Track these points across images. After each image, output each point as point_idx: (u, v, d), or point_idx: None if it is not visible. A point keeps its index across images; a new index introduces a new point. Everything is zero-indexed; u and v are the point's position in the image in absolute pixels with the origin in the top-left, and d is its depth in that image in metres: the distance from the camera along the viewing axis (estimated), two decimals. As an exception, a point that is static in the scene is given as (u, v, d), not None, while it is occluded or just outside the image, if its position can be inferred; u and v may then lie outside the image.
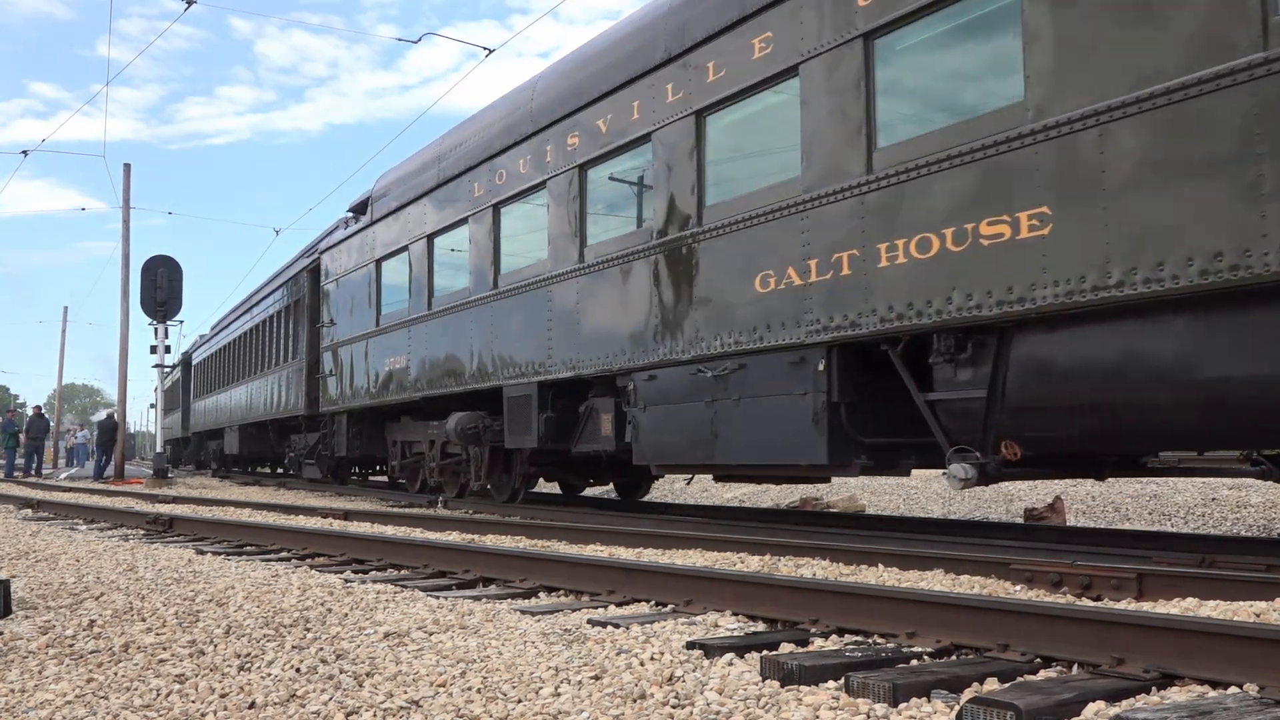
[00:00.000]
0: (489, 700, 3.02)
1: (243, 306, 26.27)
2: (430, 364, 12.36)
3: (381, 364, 13.80)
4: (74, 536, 8.73)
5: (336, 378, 15.60)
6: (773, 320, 7.29)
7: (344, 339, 15.37)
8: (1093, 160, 5.29)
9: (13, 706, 3.23)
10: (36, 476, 27.80)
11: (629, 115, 8.81)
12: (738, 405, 7.56)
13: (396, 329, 13.37)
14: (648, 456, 8.50)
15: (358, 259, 14.97)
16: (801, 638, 3.70)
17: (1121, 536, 7.68)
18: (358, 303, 14.87)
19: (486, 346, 11.03)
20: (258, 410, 22.36)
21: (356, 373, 14.81)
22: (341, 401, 15.33)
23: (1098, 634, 3.17)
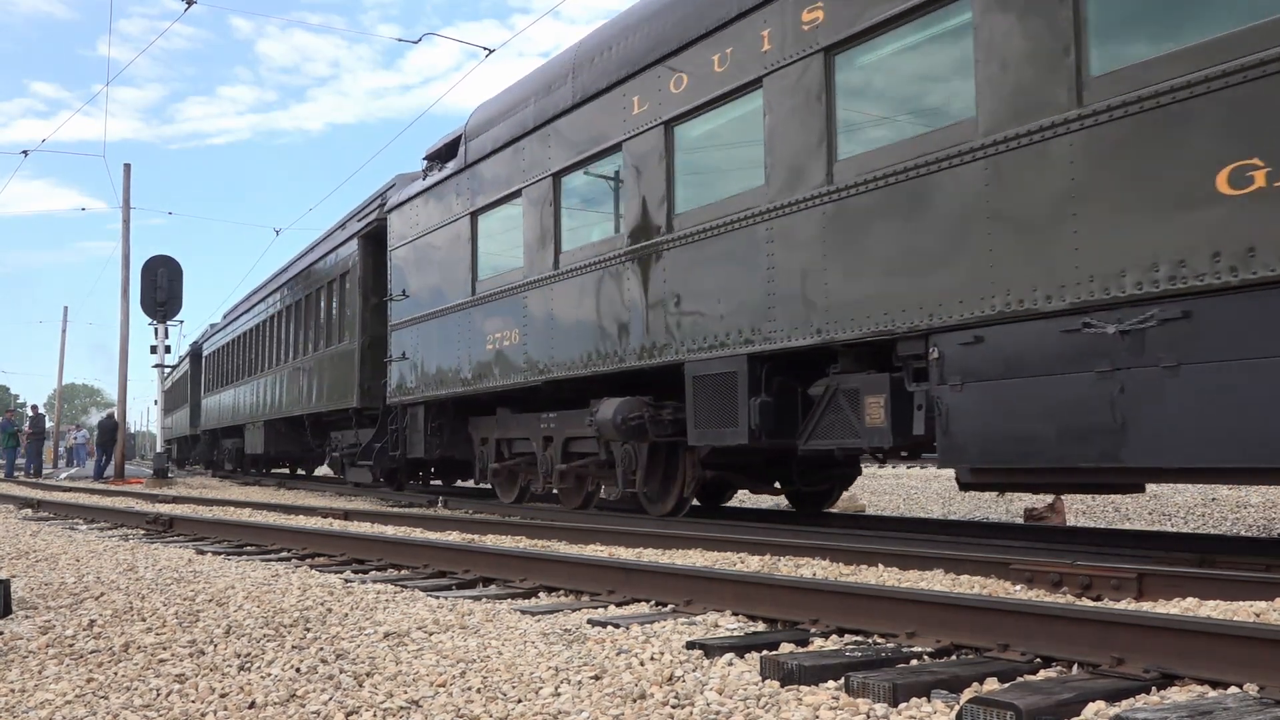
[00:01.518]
0: (489, 700, 3.02)
1: (267, 287, 23.45)
2: (559, 338, 9.76)
3: (479, 342, 11.18)
4: (74, 536, 8.73)
5: (412, 362, 12.86)
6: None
7: (421, 314, 12.65)
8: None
9: (13, 706, 3.23)
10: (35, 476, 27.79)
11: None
12: (1175, 376, 5.05)
13: (504, 296, 10.73)
14: (971, 455, 6.02)
15: (441, 214, 12.19)
16: (801, 638, 3.70)
17: (1121, 536, 7.68)
18: (443, 268, 12.11)
19: (658, 310, 8.48)
20: (289, 404, 19.70)
21: (442, 354, 12.08)
22: (420, 390, 12.55)
23: (1098, 634, 3.17)
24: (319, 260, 18.34)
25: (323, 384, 17.38)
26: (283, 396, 20.34)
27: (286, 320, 20.64)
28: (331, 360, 16.87)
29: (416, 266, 12.91)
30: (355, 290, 15.61)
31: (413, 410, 13.11)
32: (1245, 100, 4.77)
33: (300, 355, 19.08)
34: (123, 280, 25.15)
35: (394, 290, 13.49)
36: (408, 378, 13.03)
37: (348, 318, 16.08)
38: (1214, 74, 4.87)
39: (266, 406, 21.85)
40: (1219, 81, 4.85)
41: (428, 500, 13.35)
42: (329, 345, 17.18)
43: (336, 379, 16.43)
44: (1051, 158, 5.55)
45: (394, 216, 13.66)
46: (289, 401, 19.79)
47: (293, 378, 19.57)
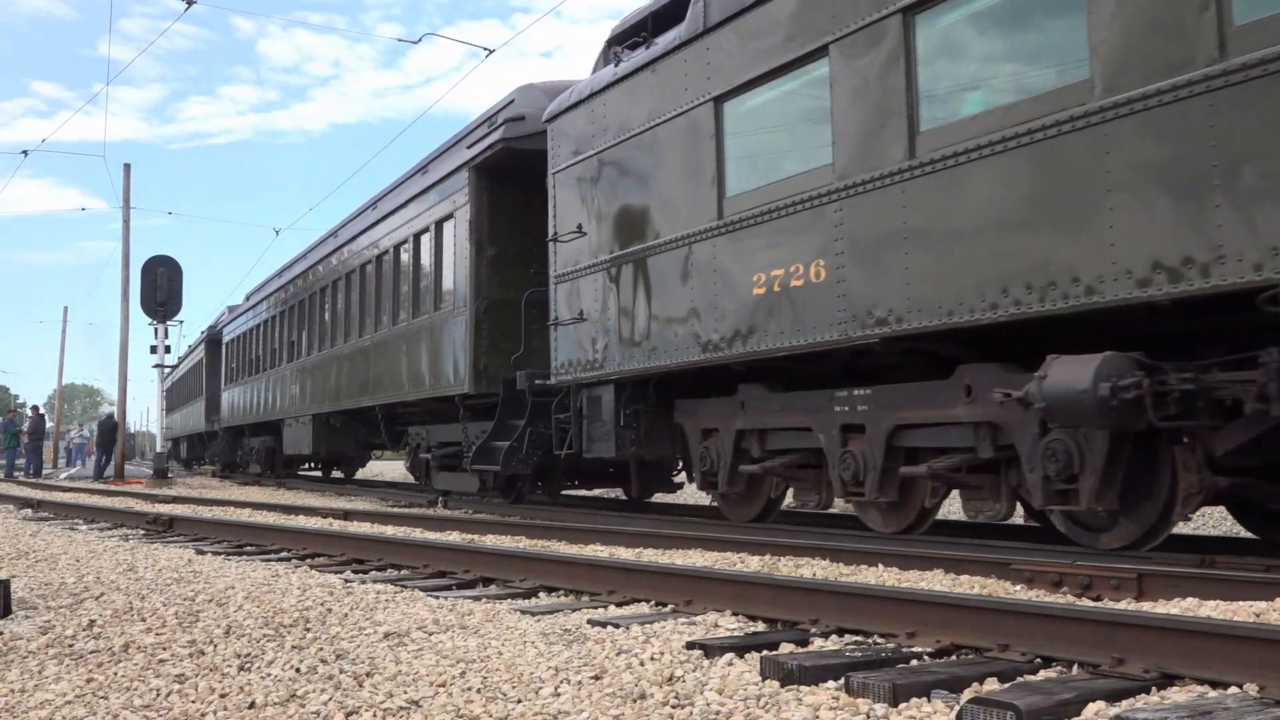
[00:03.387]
0: (489, 700, 3.02)
1: (315, 255, 19.43)
2: (931, 266, 6.34)
3: (733, 285, 7.81)
4: (74, 536, 8.73)
5: (594, 324, 9.48)
6: None
7: (612, 256, 9.19)
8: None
9: (13, 706, 3.23)
10: (35, 476, 27.80)
11: None
12: None
13: (789, 214, 7.31)
14: None
15: (650, 110, 8.73)
16: (801, 638, 3.70)
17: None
18: (655, 186, 8.73)
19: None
20: (352, 393, 16.18)
21: (659, 306, 8.66)
22: (612, 362, 9.16)
23: (1098, 634, 3.17)
24: (398, 210, 14.59)
25: (409, 366, 13.78)
26: (341, 384, 16.77)
27: (346, 291, 16.88)
28: (425, 335, 13.27)
29: (601, 190, 9.34)
30: (463, 240, 12.01)
31: (594, 393, 9.49)
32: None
33: (370, 332, 15.47)
34: (123, 280, 25.16)
35: (558, 228, 9.98)
36: (587, 347, 9.52)
37: (450, 278, 12.53)
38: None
39: (316, 397, 18.20)
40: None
41: (427, 500, 13.34)
42: (417, 316, 13.62)
43: (434, 358, 12.94)
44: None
45: (557, 128, 10.10)
46: (352, 390, 16.20)
47: (357, 361, 16.00)
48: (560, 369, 9.98)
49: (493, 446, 11.32)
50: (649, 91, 8.84)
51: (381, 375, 14.96)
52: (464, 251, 12.08)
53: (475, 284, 11.89)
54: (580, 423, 9.76)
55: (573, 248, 9.85)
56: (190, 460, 37.92)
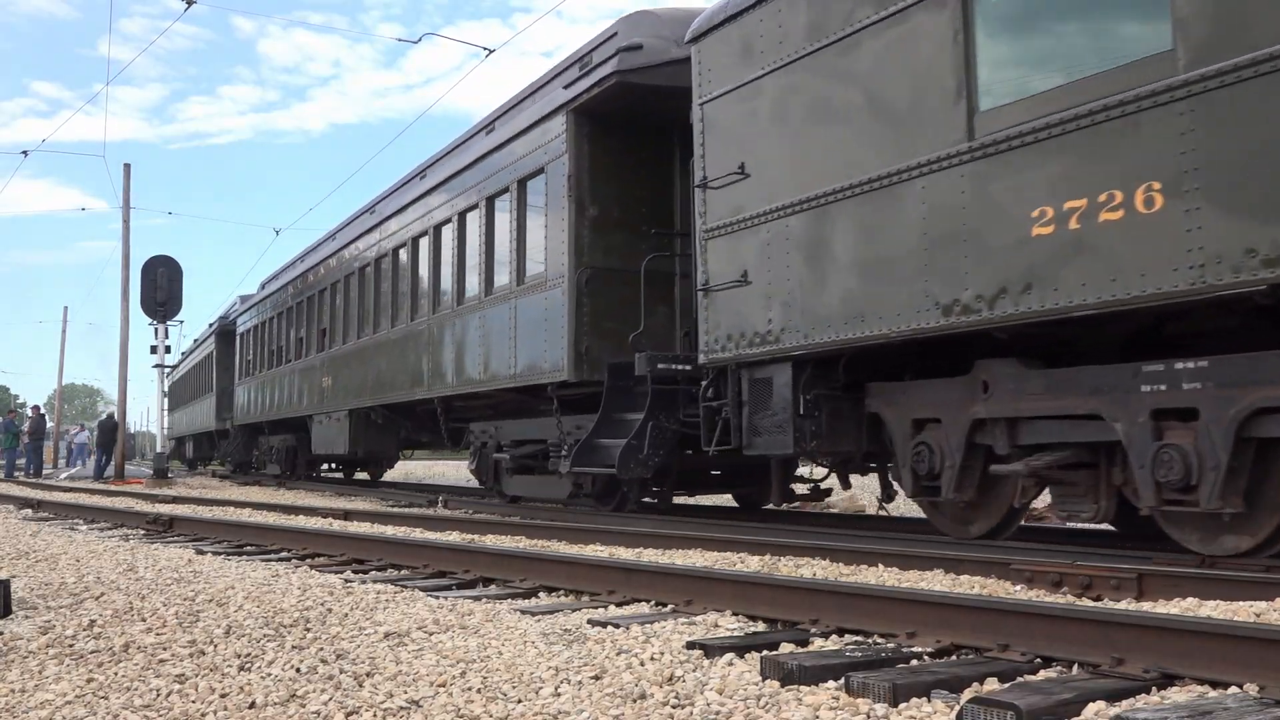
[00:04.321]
0: (489, 700, 3.02)
1: (355, 229, 17.14)
2: None
3: (993, 227, 5.98)
4: (74, 536, 8.73)
5: (760, 290, 7.58)
6: None
7: (798, 200, 7.25)
8: None
9: (13, 706, 3.23)
10: (35, 476, 27.81)
11: None
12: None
13: (1083, 128, 5.57)
14: None
15: (845, 13, 6.95)
16: (801, 638, 3.70)
17: (1122, 537, 7.67)
18: (866, 105, 6.79)
19: None
20: (403, 383, 14.16)
21: (861, 264, 6.82)
22: (792, 335, 7.30)
23: (1098, 634, 3.17)
24: (460, 174, 12.55)
25: (481, 351, 11.72)
26: (386, 375, 14.77)
27: (393, 270, 14.85)
28: (502, 315, 11.25)
29: (774, 120, 7.50)
30: (558, 199, 10.20)
31: (761, 374, 7.64)
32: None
33: (426, 314, 13.43)
34: (123, 280, 25.16)
35: (708, 171, 8.06)
36: (752, 316, 7.62)
37: (537, 246, 10.69)
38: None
39: (354, 390, 16.14)
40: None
41: (427, 500, 13.34)
42: (491, 293, 11.64)
43: (516, 342, 10.94)
44: None
45: (707, 49, 8.16)
46: (401, 381, 14.15)
47: (409, 348, 13.93)
48: (712, 345, 8.03)
49: (599, 445, 9.52)
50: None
51: (442, 363, 12.84)
52: (559, 212, 10.14)
53: (575, 250, 9.96)
54: (740, 412, 7.87)
55: (732, 194, 7.83)
56: (197, 460, 36.29)
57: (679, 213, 10.12)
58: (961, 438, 6.54)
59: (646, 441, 9.11)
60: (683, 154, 9.71)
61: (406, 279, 14.33)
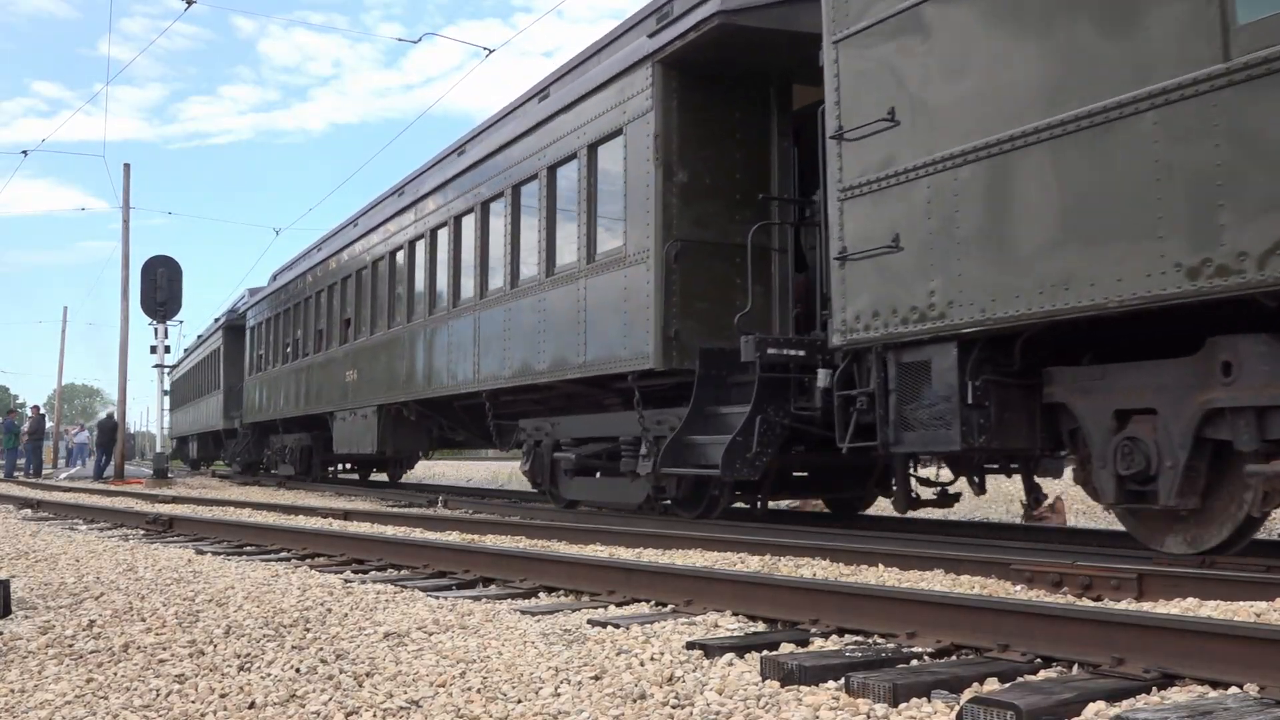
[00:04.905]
0: (489, 700, 3.02)
1: (379, 213, 16.09)
2: None
3: (1268, 161, 4.82)
4: (74, 536, 8.73)
5: (918, 254, 6.44)
6: None
7: (970, 148, 6.14)
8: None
9: (13, 706, 3.23)
10: (35, 476, 27.81)
11: None
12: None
13: None
14: None
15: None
16: (801, 638, 3.70)
17: (1121, 536, 7.67)
18: (1063, 29, 5.68)
19: None
20: (444, 376, 12.87)
21: (1061, 218, 5.69)
22: (953, 310, 6.23)
23: (1098, 634, 3.17)
24: (522, 138, 11.19)
25: (544, 338, 10.52)
26: (421, 368, 13.63)
27: (430, 252, 13.61)
28: (570, 297, 10.06)
29: (934, 56, 6.33)
30: (640, 163, 9.04)
31: (915, 357, 6.54)
32: None
33: (474, 300, 12.20)
34: (123, 280, 25.15)
35: (843, 121, 6.85)
36: (906, 288, 6.45)
37: (613, 218, 9.55)
38: None
39: (384, 384, 14.99)
40: None
41: (427, 500, 13.33)
42: (554, 273, 10.45)
43: (589, 327, 9.73)
44: None
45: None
46: (440, 374, 12.97)
47: (454, 337, 12.68)
48: (851, 325, 6.84)
49: (692, 443, 8.43)
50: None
51: (492, 354, 11.64)
52: (642, 179, 9.00)
53: (662, 221, 8.80)
54: (885, 402, 6.73)
55: (877, 146, 6.69)
56: (201, 461, 35.07)
57: (776, 178, 9.12)
58: (1188, 432, 5.39)
59: (755, 438, 7.92)
60: (780, 111, 9.12)
61: (446, 264, 13.08)
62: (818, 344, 7.83)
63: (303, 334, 19.73)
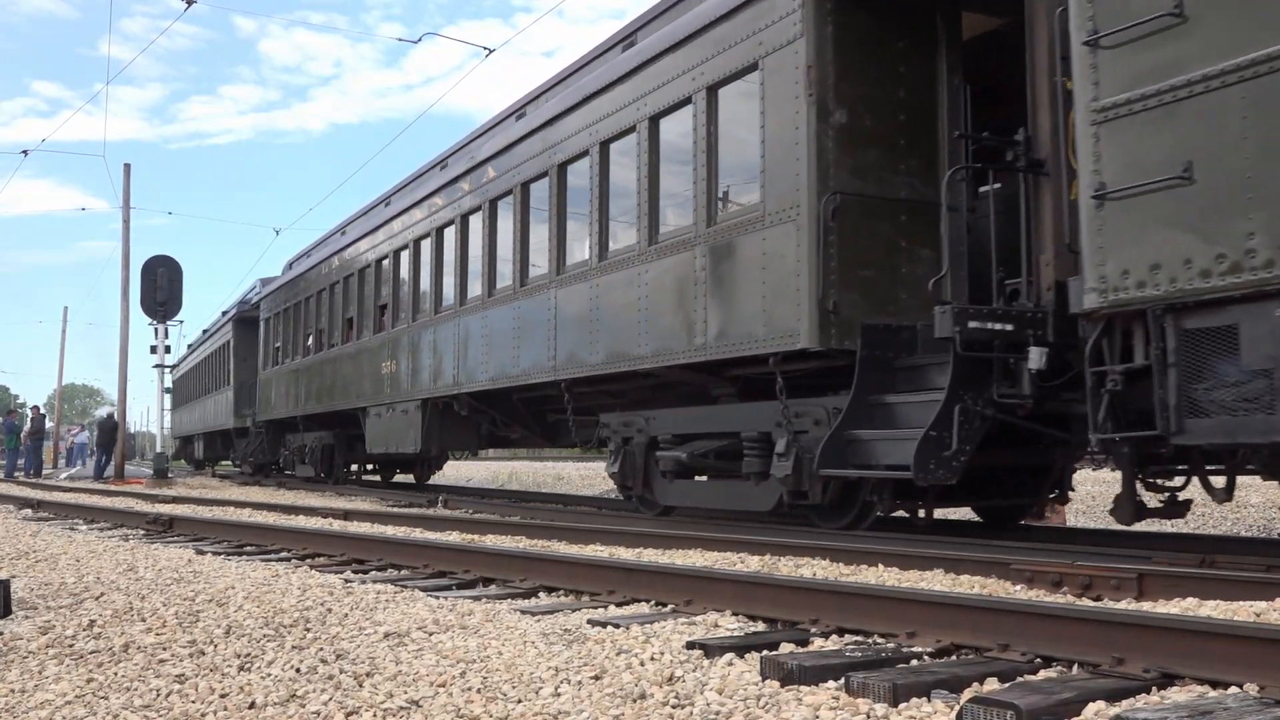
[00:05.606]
0: (489, 700, 3.02)
1: (426, 184, 14.57)
2: None
3: None
4: (74, 536, 8.73)
5: (1220, 185, 5.07)
6: None
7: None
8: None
9: (13, 706, 3.23)
10: (35, 476, 27.82)
11: None
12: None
13: None
14: None
15: None
16: (801, 638, 3.70)
17: (1121, 536, 7.67)
18: None
19: None
20: (509, 364, 11.42)
21: None
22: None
23: (1098, 634, 3.17)
24: (612, 86, 9.79)
25: (644, 316, 9.19)
26: (485, 354, 12.01)
27: (488, 224, 12.11)
28: (694, 263, 8.60)
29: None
30: (783, 102, 7.69)
31: (1210, 323, 5.23)
32: None
33: (551, 275, 10.66)
34: (123, 280, 25.14)
35: (1098, 23, 5.54)
36: (1201, 235, 5.14)
37: (752, 167, 8.06)
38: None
39: (431, 375, 13.44)
40: None
41: (427, 500, 13.33)
42: (659, 240, 9.16)
43: (727, 295, 8.24)
44: None
45: None
46: (511, 361, 11.34)
47: (524, 318, 11.13)
48: (1115, 281, 5.50)
49: (855, 439, 7.16)
50: None
51: (576, 337, 10.19)
52: (788, 121, 7.62)
53: (817, 171, 7.42)
54: (1164, 379, 5.30)
55: (1152, 49, 5.33)
56: (208, 461, 33.52)
57: (944, 120, 7.82)
58: None
59: (954, 432, 6.53)
60: (949, 42, 7.88)
61: (511, 238, 11.53)
62: (1027, 316, 6.54)
63: (327, 323, 18.16)
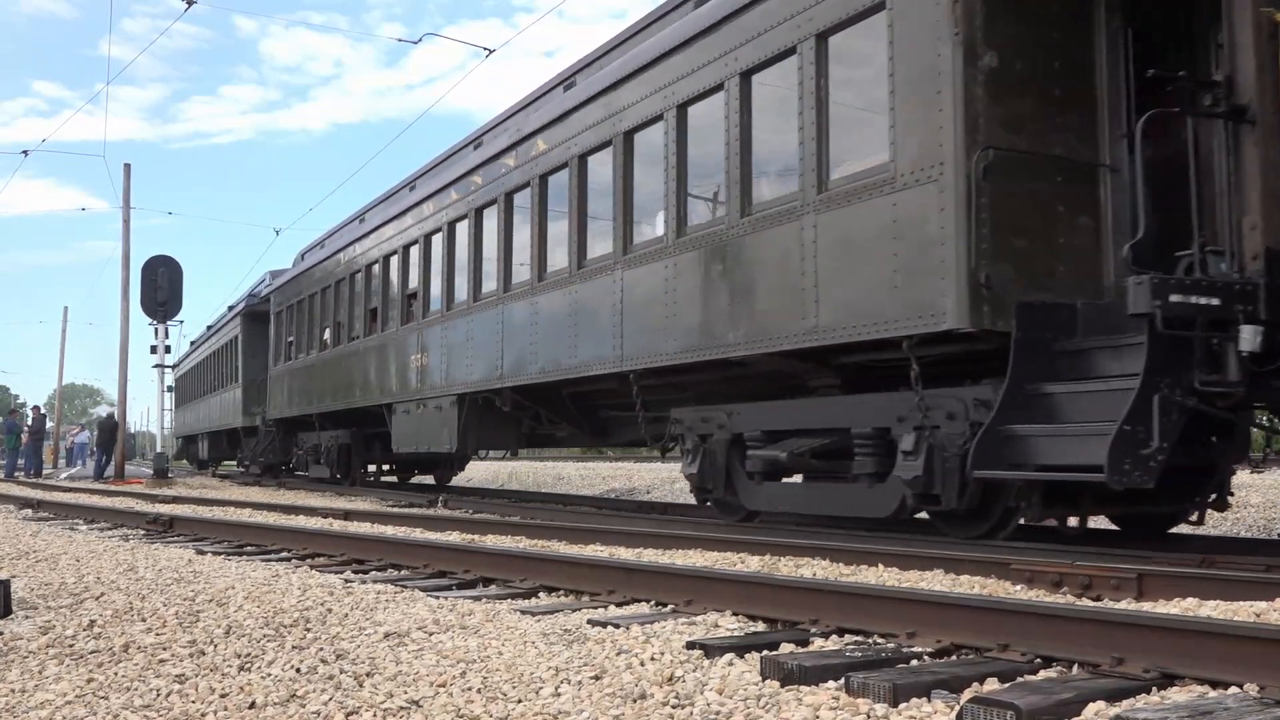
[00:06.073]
0: (489, 700, 3.02)
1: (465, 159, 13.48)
2: None
3: None
4: (74, 536, 8.73)
5: None
6: None
7: None
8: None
9: (13, 706, 3.23)
10: (35, 476, 27.82)
11: None
12: None
13: None
14: None
15: None
16: (801, 638, 3.70)
17: (1121, 536, 7.67)
18: None
19: None
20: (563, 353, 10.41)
21: None
22: None
23: (1098, 634, 3.17)
24: (705, 33, 8.69)
25: (735, 296, 8.18)
26: (535, 343, 10.91)
27: (537, 201, 11.11)
28: (800, 234, 7.55)
29: None
30: (928, 44, 6.70)
31: None
32: None
33: (619, 254, 9.65)
34: (123, 280, 25.14)
35: None
36: None
37: (880, 120, 7.09)
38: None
39: (473, 366, 12.32)
40: None
41: (427, 500, 13.32)
42: (747, 211, 8.14)
43: (843, 271, 7.26)
44: None
45: None
46: (571, 351, 10.26)
47: (586, 301, 10.10)
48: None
49: (1012, 434, 6.16)
50: None
51: (647, 323, 9.20)
52: (928, 65, 6.67)
53: (965, 122, 6.45)
54: None
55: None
56: (213, 461, 32.55)
57: (1103, 68, 6.82)
58: None
59: (1155, 426, 5.55)
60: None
61: (566, 214, 10.61)
62: (1235, 289, 5.59)
63: (347, 316, 17.08)
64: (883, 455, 7.21)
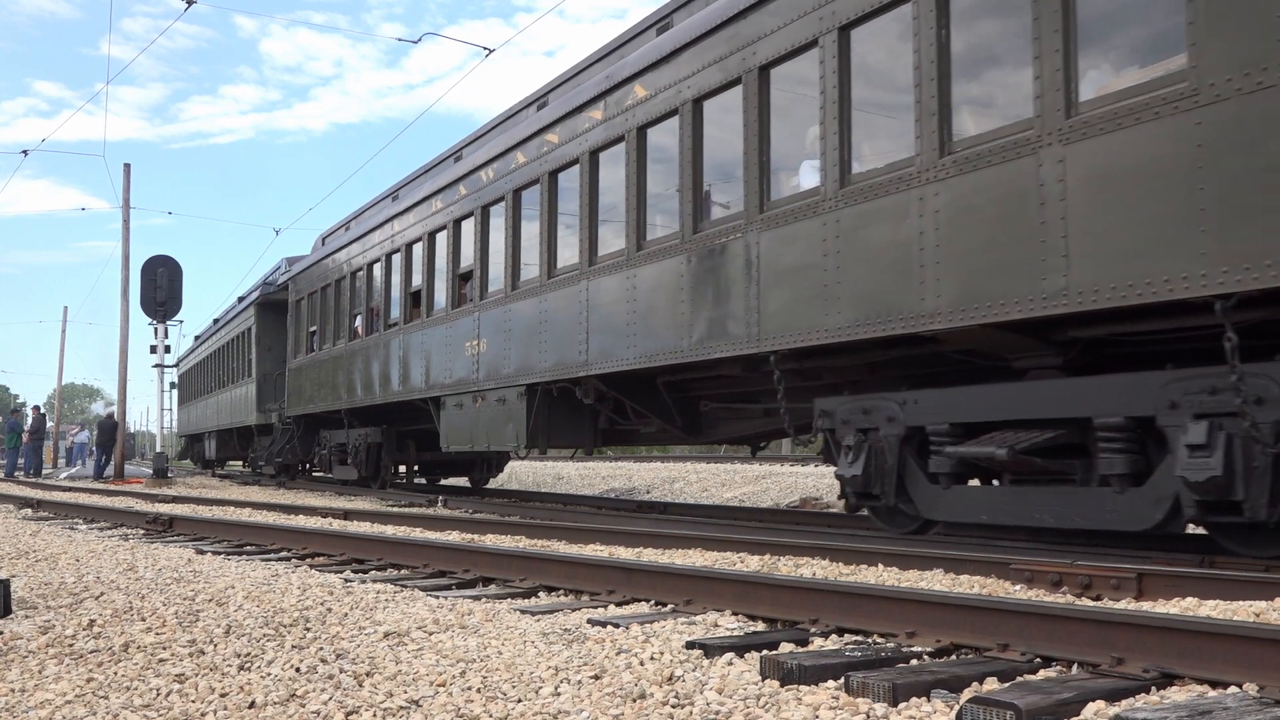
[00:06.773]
0: (489, 700, 3.02)
1: (541, 114, 11.33)
2: None
3: None
4: (74, 536, 8.73)
5: None
6: None
7: None
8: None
9: (13, 706, 3.23)
10: (35, 476, 27.81)
11: None
12: None
13: None
14: None
15: None
16: (801, 638, 3.70)
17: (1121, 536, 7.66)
18: None
19: None
20: (688, 334, 8.61)
21: None
22: None
23: (1098, 634, 3.17)
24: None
25: (940, 254, 6.47)
26: (632, 324, 9.33)
27: (636, 158, 9.51)
28: (1039, 171, 5.89)
29: None
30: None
31: None
32: None
33: (755, 212, 7.97)
34: (123, 280, 25.13)
35: None
36: None
37: (1187, 18, 5.23)
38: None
39: (548, 351, 10.67)
40: None
41: (427, 500, 13.32)
42: (950, 148, 6.49)
43: (1109, 214, 5.58)
44: None
45: None
46: (684, 331, 8.67)
47: (705, 273, 8.53)
48: None
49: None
50: None
51: (796, 296, 7.61)
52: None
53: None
54: None
55: None
56: (222, 461, 30.99)
57: None
58: None
59: None
60: None
61: (677, 170, 8.92)
62: None
63: (382, 301, 15.45)
64: (1133, 453, 5.82)
